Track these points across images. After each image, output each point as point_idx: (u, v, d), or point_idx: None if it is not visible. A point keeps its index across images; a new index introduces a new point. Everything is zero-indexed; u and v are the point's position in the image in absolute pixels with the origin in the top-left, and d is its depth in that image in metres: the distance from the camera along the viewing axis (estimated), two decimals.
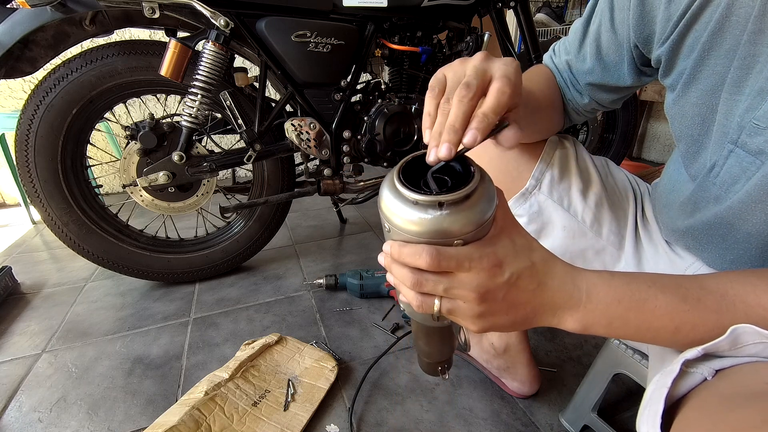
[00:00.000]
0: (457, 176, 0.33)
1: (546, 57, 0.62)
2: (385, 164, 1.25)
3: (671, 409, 0.32)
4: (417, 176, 0.33)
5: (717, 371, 0.33)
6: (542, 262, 0.36)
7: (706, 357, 0.33)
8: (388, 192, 0.32)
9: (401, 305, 0.41)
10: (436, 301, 0.34)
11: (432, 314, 0.35)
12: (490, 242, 0.33)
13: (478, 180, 0.31)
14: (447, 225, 0.30)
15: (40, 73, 1.03)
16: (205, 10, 0.93)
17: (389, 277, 0.36)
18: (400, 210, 0.31)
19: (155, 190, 1.12)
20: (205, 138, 1.31)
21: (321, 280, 1.21)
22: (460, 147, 0.34)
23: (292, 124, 1.13)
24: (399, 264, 0.33)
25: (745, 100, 0.39)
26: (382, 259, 0.35)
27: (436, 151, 0.33)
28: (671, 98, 0.48)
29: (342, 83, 1.13)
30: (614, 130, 1.66)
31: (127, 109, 1.73)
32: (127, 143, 1.08)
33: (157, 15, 0.94)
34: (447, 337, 0.45)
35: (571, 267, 0.37)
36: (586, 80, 0.56)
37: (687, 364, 0.33)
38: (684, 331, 0.35)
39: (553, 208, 0.61)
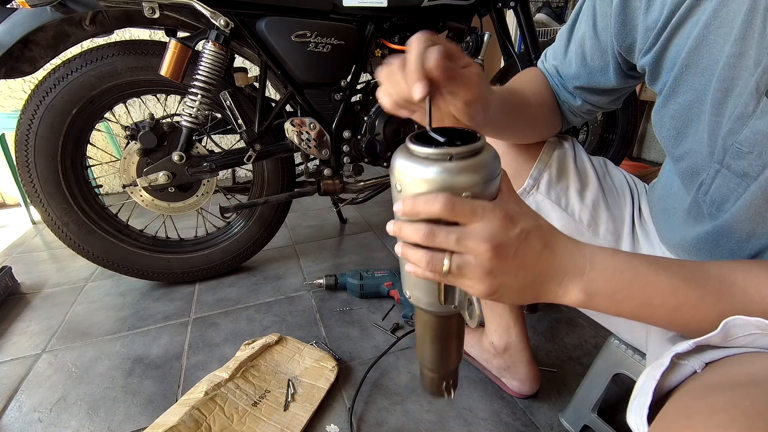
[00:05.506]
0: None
1: (539, 62, 0.63)
2: (385, 164, 1.25)
3: (662, 401, 0.33)
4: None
5: (707, 363, 0.33)
6: (548, 227, 0.36)
7: (697, 350, 0.34)
8: (401, 155, 0.34)
9: (406, 292, 0.40)
10: (446, 260, 0.33)
11: (441, 274, 0.34)
12: (499, 201, 0.34)
13: (485, 140, 0.33)
14: (456, 177, 0.32)
15: (40, 73, 1.03)
16: (205, 10, 0.93)
17: (397, 249, 0.36)
18: (412, 168, 0.33)
19: (155, 190, 1.12)
20: (205, 138, 1.31)
21: (321, 280, 1.21)
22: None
23: (292, 124, 1.13)
24: (409, 222, 0.33)
25: (727, 122, 0.39)
26: (390, 227, 0.35)
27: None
28: (656, 105, 0.48)
29: (342, 83, 1.13)
30: (614, 130, 1.66)
31: (127, 109, 1.73)
32: (127, 143, 1.08)
33: (157, 15, 0.94)
34: (455, 336, 0.44)
35: (574, 239, 0.37)
36: (573, 84, 0.57)
37: (679, 357, 0.34)
38: (684, 309, 0.35)
39: (550, 208, 0.61)
